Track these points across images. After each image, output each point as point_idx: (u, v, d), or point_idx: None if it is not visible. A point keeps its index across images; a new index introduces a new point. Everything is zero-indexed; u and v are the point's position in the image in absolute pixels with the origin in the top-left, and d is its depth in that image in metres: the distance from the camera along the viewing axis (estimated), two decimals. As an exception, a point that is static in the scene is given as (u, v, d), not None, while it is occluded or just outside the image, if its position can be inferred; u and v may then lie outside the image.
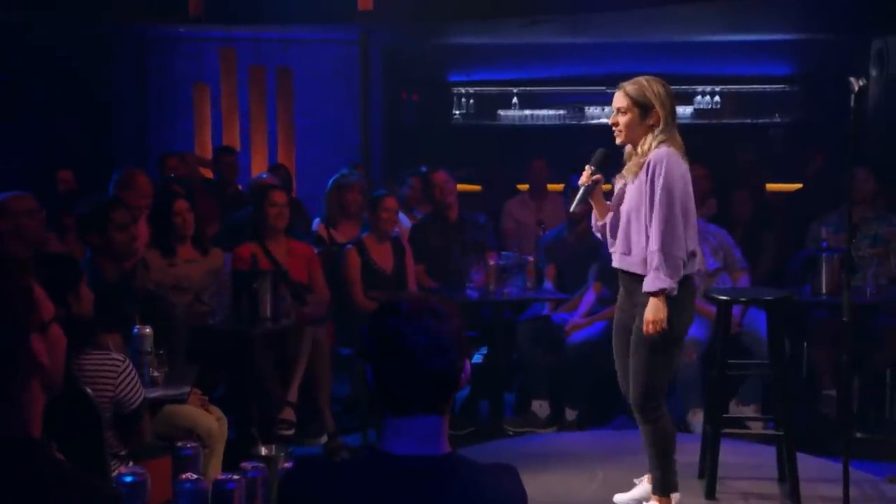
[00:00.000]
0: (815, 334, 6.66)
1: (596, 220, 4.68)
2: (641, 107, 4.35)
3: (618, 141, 4.46)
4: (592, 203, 4.62)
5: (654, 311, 4.31)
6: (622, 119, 4.40)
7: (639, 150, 4.40)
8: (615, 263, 4.58)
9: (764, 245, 7.43)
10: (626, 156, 4.53)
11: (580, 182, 4.54)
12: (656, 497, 4.60)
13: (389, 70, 10.55)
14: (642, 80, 4.40)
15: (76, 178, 8.13)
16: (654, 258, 4.29)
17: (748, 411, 6.31)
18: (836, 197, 7.22)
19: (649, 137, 4.36)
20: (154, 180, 7.25)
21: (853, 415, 5.71)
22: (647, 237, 4.35)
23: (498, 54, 10.56)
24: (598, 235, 4.75)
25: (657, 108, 4.34)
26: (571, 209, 4.71)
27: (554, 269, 7.01)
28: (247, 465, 3.04)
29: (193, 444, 3.27)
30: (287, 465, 2.98)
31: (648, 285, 4.32)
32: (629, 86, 4.40)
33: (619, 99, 4.42)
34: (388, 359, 2.08)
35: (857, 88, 4.49)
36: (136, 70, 10.18)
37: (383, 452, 2.11)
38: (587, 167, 4.53)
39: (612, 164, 4.61)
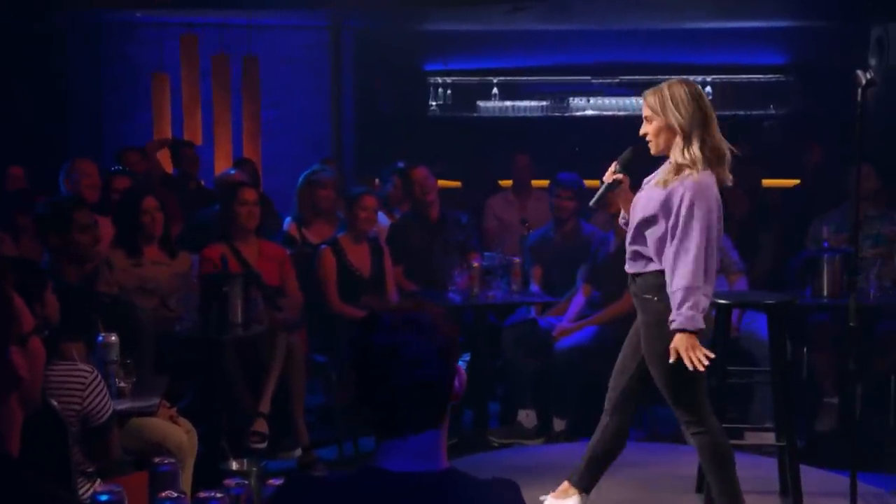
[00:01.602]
0: (815, 339, 6.72)
1: (622, 217, 4.72)
2: (664, 113, 4.34)
3: (652, 151, 4.47)
4: (617, 200, 4.67)
5: (682, 345, 4.28)
6: (648, 128, 4.42)
7: (671, 161, 4.38)
8: (627, 268, 4.60)
9: (761, 245, 7.50)
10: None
11: (604, 178, 4.60)
12: None
13: (362, 58, 10.55)
14: (664, 84, 4.39)
15: (27, 175, 8.09)
16: (680, 296, 4.26)
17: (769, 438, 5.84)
18: (837, 194, 7.31)
19: (678, 145, 4.34)
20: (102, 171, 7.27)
21: (857, 424, 5.76)
22: (658, 249, 4.39)
23: (477, 42, 10.57)
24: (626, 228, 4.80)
25: (679, 113, 4.31)
26: (591, 204, 4.74)
27: (540, 271, 7.07)
28: (230, 481, 3.06)
29: (171, 460, 3.30)
30: (274, 481, 2.99)
31: (682, 322, 4.27)
32: (649, 94, 4.41)
33: (644, 108, 4.45)
34: (370, 375, 2.13)
35: (863, 82, 4.55)
36: (90, 58, 10.12)
37: (378, 469, 2.14)
38: (613, 164, 4.58)
39: (645, 164, 4.66)
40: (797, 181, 9.17)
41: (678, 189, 4.31)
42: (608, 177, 4.57)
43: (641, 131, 4.46)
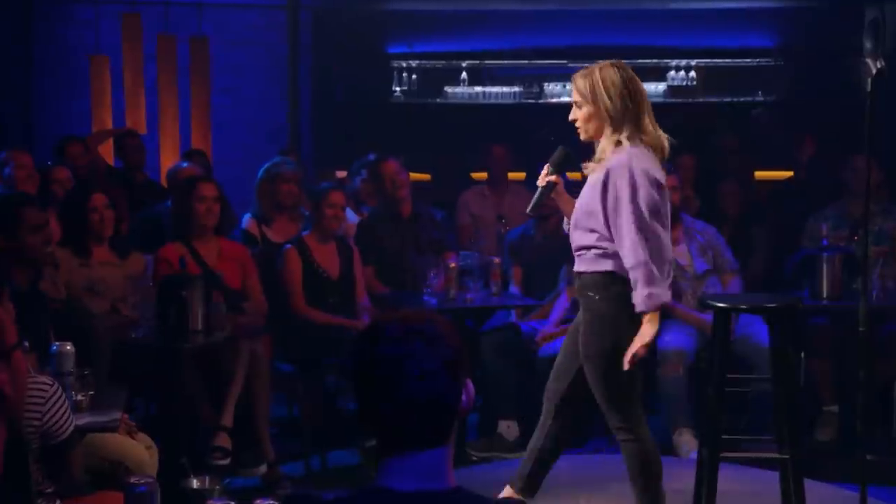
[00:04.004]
0: (813, 343, 6.81)
1: (566, 222, 4.79)
2: (594, 99, 4.45)
3: (582, 138, 4.59)
4: (558, 204, 4.75)
5: (645, 333, 4.46)
6: (578, 114, 4.54)
7: (602, 149, 4.50)
8: (575, 266, 4.69)
9: (755, 243, 7.59)
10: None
11: (538, 183, 4.68)
12: None
13: (320, 40, 10.56)
14: (594, 67, 4.50)
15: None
16: (638, 273, 4.40)
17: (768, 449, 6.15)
18: (833, 188, 7.42)
19: (606, 134, 4.47)
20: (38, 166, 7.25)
21: (862, 434, 5.87)
22: (600, 236, 4.49)
23: (445, 23, 10.61)
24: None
25: (610, 98, 4.42)
26: (528, 211, 4.80)
27: (520, 272, 7.11)
28: (213, 503, 3.10)
29: (149, 480, 3.32)
30: (262, 502, 3.03)
31: (641, 304, 4.43)
32: (579, 77, 4.52)
33: (573, 93, 4.56)
34: (373, 388, 2.18)
35: (874, 71, 4.63)
36: (20, 40, 10.06)
37: (382, 489, 2.20)
38: (545, 167, 4.66)
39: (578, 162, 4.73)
40: (789, 173, 9.26)
41: (607, 169, 4.42)
42: (542, 180, 4.65)
43: (570, 117, 4.57)
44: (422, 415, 2.18)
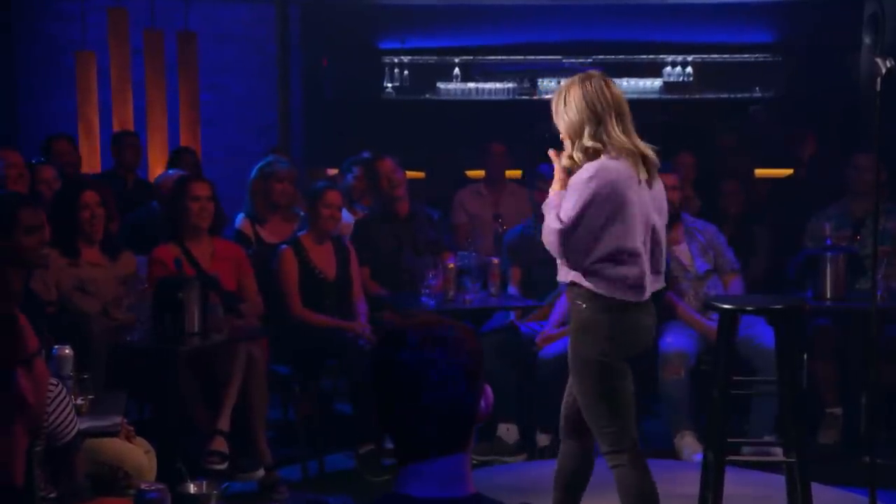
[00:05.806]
0: (817, 345, 6.86)
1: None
2: (577, 123, 4.37)
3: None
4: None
5: None
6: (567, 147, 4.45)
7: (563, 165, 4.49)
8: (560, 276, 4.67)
9: (757, 242, 7.65)
10: None
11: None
12: None
13: (310, 36, 10.59)
14: (562, 85, 4.44)
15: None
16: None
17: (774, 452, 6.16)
18: (834, 187, 7.47)
19: (564, 155, 4.44)
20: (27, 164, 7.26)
21: (866, 437, 5.92)
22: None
23: (437, 17, 10.65)
24: None
25: (566, 116, 4.37)
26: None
27: (519, 272, 7.15)
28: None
29: (160, 486, 3.36)
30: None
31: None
32: (554, 101, 4.45)
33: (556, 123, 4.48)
34: (393, 395, 2.22)
35: (884, 70, 4.69)
36: (3, 36, 10.05)
37: (402, 496, 2.24)
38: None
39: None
40: (789, 171, 9.32)
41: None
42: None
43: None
44: (441, 421, 2.22)
